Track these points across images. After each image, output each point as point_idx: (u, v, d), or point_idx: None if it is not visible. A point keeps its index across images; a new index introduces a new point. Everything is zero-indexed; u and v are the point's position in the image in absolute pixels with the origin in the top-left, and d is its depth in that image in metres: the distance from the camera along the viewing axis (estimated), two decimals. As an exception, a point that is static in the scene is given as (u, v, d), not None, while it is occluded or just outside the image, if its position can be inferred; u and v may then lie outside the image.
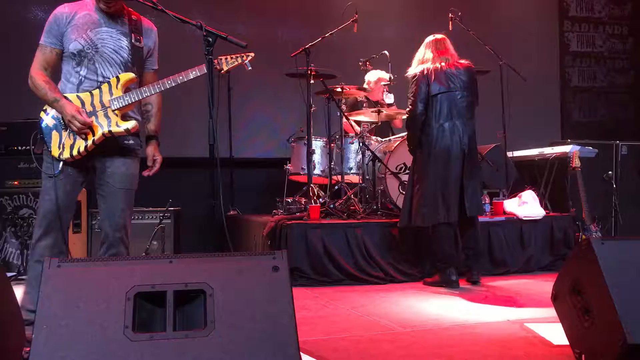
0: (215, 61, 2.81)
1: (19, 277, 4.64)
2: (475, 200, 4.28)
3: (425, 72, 4.27)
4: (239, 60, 2.86)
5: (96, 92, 2.79)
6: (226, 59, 2.83)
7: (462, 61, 4.37)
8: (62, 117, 2.75)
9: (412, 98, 4.29)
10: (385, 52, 5.42)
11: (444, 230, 4.23)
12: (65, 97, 2.75)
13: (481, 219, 4.62)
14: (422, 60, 4.37)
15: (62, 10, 2.81)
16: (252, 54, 2.88)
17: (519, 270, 4.94)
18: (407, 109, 4.36)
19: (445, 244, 4.24)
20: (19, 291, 2.82)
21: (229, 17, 6.60)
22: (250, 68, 2.88)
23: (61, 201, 2.74)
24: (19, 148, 4.97)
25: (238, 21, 6.64)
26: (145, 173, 3.00)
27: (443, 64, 4.28)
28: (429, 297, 4.01)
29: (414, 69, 4.37)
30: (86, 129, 2.73)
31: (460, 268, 4.36)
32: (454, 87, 4.24)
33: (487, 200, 5.22)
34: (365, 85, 5.95)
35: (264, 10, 6.90)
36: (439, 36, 4.45)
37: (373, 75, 5.94)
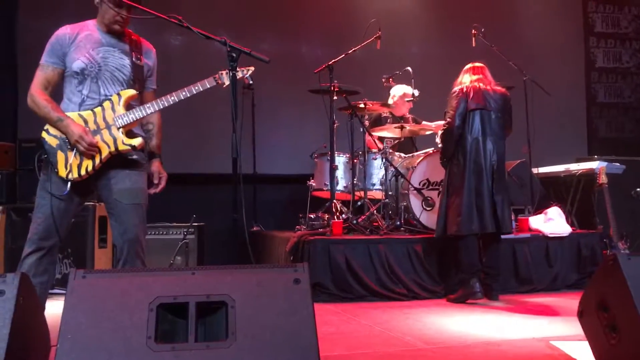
0: (216, 76, 2.83)
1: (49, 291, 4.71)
2: (506, 216, 4.38)
3: (465, 89, 4.47)
4: (239, 74, 2.85)
5: (98, 110, 2.79)
6: (227, 73, 2.80)
7: (499, 87, 4.55)
8: (68, 138, 2.73)
9: (451, 112, 4.46)
10: (409, 68, 5.43)
11: (471, 241, 4.34)
12: (68, 117, 2.75)
13: (506, 235, 4.58)
14: (460, 83, 4.57)
15: (64, 30, 2.84)
16: (252, 68, 2.89)
17: (545, 288, 4.86)
18: (445, 123, 4.50)
19: (471, 254, 4.33)
20: (48, 303, 2.87)
21: (253, 34, 6.68)
22: (251, 82, 2.90)
23: (52, 223, 2.73)
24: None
25: (262, 38, 6.73)
26: (152, 191, 2.99)
27: (481, 84, 4.47)
28: (452, 313, 3.96)
29: (457, 86, 4.57)
30: (93, 150, 2.73)
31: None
32: (489, 106, 4.42)
33: (512, 216, 5.15)
34: (390, 100, 5.96)
35: (288, 28, 6.98)
36: (477, 64, 4.64)
37: (399, 90, 5.94)
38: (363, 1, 7.18)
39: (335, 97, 5.20)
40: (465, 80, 4.54)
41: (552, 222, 5.06)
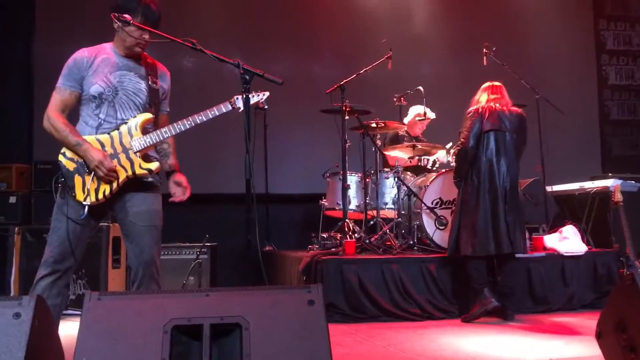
0: (232, 100, 2.84)
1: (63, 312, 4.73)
2: (518, 237, 4.33)
3: (480, 110, 4.47)
4: (255, 98, 2.87)
5: (115, 134, 2.80)
6: (242, 97, 2.78)
7: (515, 108, 4.55)
8: (87, 162, 2.73)
9: (465, 132, 4.46)
10: (420, 87, 5.45)
11: (481, 262, 4.36)
12: (87, 141, 2.75)
13: (521, 255, 4.53)
14: (477, 102, 4.57)
15: (82, 54, 2.85)
16: (267, 93, 2.90)
17: (561, 308, 4.80)
18: (459, 142, 4.50)
19: (480, 269, 4.36)
20: (62, 325, 2.88)
21: (265, 55, 6.75)
22: (266, 107, 2.92)
23: (68, 246, 2.73)
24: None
25: (274, 59, 6.79)
26: (178, 199, 2.98)
27: (497, 104, 4.47)
28: (467, 334, 3.92)
29: (472, 107, 4.57)
30: (112, 175, 2.74)
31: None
32: (504, 127, 4.41)
33: (527, 235, 5.11)
34: (405, 119, 5.99)
35: (299, 48, 7.05)
36: (495, 83, 4.65)
37: (413, 110, 5.97)
38: (374, 22, 7.23)
39: (347, 117, 5.22)
40: (482, 99, 4.54)
41: (568, 240, 5.02)
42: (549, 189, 5.75)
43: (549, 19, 7.83)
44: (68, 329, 2.90)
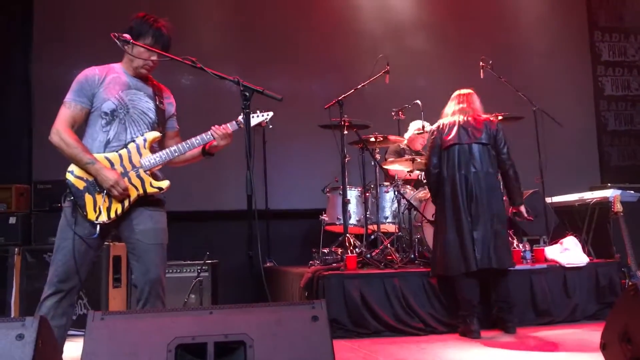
0: (238, 119, 2.88)
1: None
2: (491, 251, 4.21)
3: (441, 126, 4.49)
4: (260, 118, 2.92)
5: (124, 152, 2.81)
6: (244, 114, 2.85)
7: (484, 116, 4.49)
8: (100, 182, 2.73)
9: (427, 151, 4.56)
10: (418, 101, 5.48)
11: (463, 279, 4.28)
12: (98, 160, 2.76)
13: (522, 267, 4.54)
14: (444, 115, 4.59)
15: (93, 71, 2.87)
16: (272, 113, 2.95)
17: (564, 320, 4.78)
18: (424, 163, 4.57)
19: (466, 292, 4.27)
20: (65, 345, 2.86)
21: (263, 73, 6.78)
22: (271, 126, 2.95)
23: (73, 265, 2.72)
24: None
25: (272, 76, 6.82)
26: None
27: (461, 117, 4.44)
28: (470, 348, 3.90)
29: (435, 124, 4.60)
30: (126, 194, 2.75)
31: (491, 318, 4.42)
32: (468, 139, 4.36)
33: (528, 247, 5.11)
34: (406, 134, 6.01)
35: (297, 65, 7.08)
36: (464, 91, 4.61)
37: (413, 125, 6.01)
38: (371, 37, 7.29)
39: (345, 132, 5.24)
40: (448, 110, 4.55)
41: (569, 252, 5.01)
42: (548, 200, 5.76)
43: (545, 32, 7.90)
44: (71, 350, 2.88)
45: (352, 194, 5.51)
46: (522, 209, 4.49)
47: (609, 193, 5.55)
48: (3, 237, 5.12)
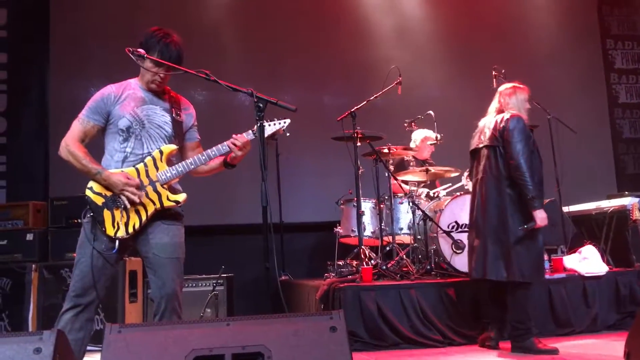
0: (254, 129, 2.87)
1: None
2: (481, 262, 4.01)
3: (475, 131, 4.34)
4: (277, 126, 2.92)
5: (141, 166, 2.83)
6: (264, 124, 2.85)
7: (497, 116, 4.11)
8: (112, 189, 2.76)
9: None
10: (431, 112, 5.47)
11: (484, 286, 4.24)
12: (105, 169, 2.80)
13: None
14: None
15: (109, 90, 2.92)
16: (289, 120, 2.95)
17: (584, 330, 4.69)
18: None
19: (485, 298, 4.26)
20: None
21: (275, 85, 6.82)
22: (288, 134, 2.95)
23: (90, 280, 2.75)
24: (79, 221, 5.13)
25: (284, 89, 6.86)
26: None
27: (486, 117, 4.26)
28: (489, 358, 3.83)
29: None
30: (141, 194, 2.77)
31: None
32: (481, 141, 4.16)
33: (546, 257, 5.04)
34: (412, 144, 5.99)
35: (309, 77, 7.12)
36: (502, 87, 4.32)
37: (420, 134, 5.99)
38: (383, 48, 7.30)
39: (359, 144, 5.23)
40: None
41: (588, 261, 4.94)
42: (565, 209, 5.70)
43: (557, 40, 7.87)
44: (88, 364, 2.88)
45: (367, 205, 5.49)
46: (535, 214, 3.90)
47: (627, 201, 5.48)
48: (20, 253, 5.15)
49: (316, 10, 7.31)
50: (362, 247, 5.07)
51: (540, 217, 3.84)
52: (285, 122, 2.94)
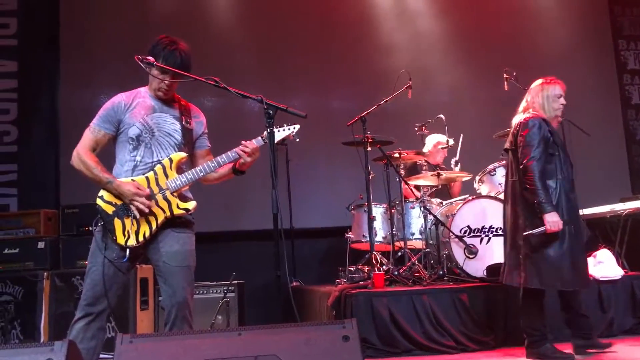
0: (263, 135, 2.86)
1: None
2: (504, 267, 3.98)
3: None
4: (287, 132, 2.92)
5: (151, 175, 2.84)
6: (275, 131, 2.85)
7: (519, 117, 4.05)
8: (122, 198, 2.77)
9: None
10: (441, 116, 5.44)
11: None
12: (116, 178, 2.82)
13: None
14: None
15: (120, 98, 2.94)
16: (298, 125, 2.94)
17: (600, 335, 4.60)
18: None
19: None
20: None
21: (284, 91, 6.82)
22: (297, 140, 2.94)
23: (102, 289, 2.75)
24: (90, 229, 5.13)
25: (293, 94, 6.85)
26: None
27: (513, 119, 4.12)
28: (505, 366, 3.79)
29: None
30: (151, 204, 2.77)
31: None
32: (506, 146, 4.08)
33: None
34: (424, 148, 5.96)
35: (318, 83, 7.10)
36: (532, 84, 4.20)
37: (432, 139, 5.97)
38: (392, 52, 7.27)
39: (369, 148, 5.21)
40: None
41: (603, 265, 4.87)
42: (579, 212, 5.62)
43: (569, 42, 7.79)
44: (99, 374, 2.87)
45: (378, 210, 5.46)
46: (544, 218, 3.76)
47: (642, 204, 5.42)
48: (32, 261, 5.16)
49: (326, 15, 7.30)
50: (374, 252, 5.04)
51: (551, 220, 3.67)
52: (294, 128, 2.93)
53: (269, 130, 2.71)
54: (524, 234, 3.78)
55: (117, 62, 6.11)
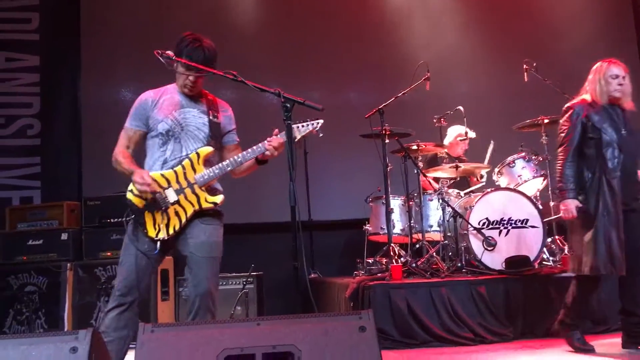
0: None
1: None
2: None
3: None
4: (310, 127, 2.96)
5: (179, 169, 2.92)
6: (298, 127, 2.93)
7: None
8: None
9: None
10: (460, 107, 5.40)
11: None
12: (138, 168, 2.93)
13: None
14: None
15: (147, 95, 3.04)
16: (322, 121, 2.97)
17: (620, 327, 4.58)
18: None
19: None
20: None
21: (302, 84, 6.83)
22: (321, 135, 2.97)
23: (134, 279, 2.84)
24: (112, 221, 5.24)
25: (311, 87, 6.86)
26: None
27: None
28: (521, 357, 3.78)
29: None
30: (152, 183, 2.83)
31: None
32: None
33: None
34: (445, 140, 5.94)
35: (335, 75, 7.09)
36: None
37: (453, 131, 5.94)
38: (410, 44, 7.23)
39: (387, 141, 5.20)
40: None
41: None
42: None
43: (590, 33, 7.66)
44: (121, 362, 2.93)
45: (396, 202, 5.46)
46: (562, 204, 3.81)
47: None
48: (55, 252, 5.27)
49: (343, 8, 7.28)
50: (392, 244, 5.04)
51: (564, 208, 3.73)
52: (318, 123, 2.97)
53: (287, 123, 2.75)
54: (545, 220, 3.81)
55: (138, 56, 6.18)
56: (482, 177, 5.72)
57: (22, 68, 6.63)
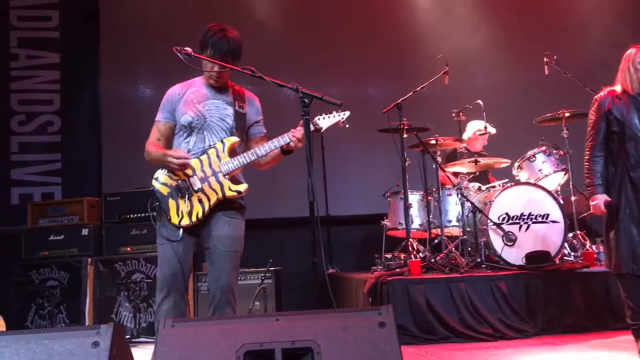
0: (314, 121, 2.92)
1: (132, 340, 4.84)
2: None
3: None
4: (337, 117, 2.96)
5: (204, 157, 2.94)
6: (323, 117, 2.93)
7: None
8: (167, 167, 2.90)
9: None
10: (479, 101, 5.35)
11: None
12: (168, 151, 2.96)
13: (597, 269, 4.30)
14: None
15: (174, 89, 3.08)
16: (348, 112, 2.98)
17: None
18: None
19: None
20: (135, 352, 2.94)
21: (319, 78, 6.81)
22: (347, 125, 2.97)
23: (177, 264, 2.88)
24: (131, 216, 5.30)
25: (329, 82, 6.84)
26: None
27: None
28: (542, 353, 3.75)
29: None
30: (184, 162, 2.86)
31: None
32: None
33: (602, 248, 4.88)
34: (464, 135, 5.89)
35: (353, 70, 7.07)
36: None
37: (473, 126, 5.88)
38: (428, 38, 7.19)
39: (405, 135, 5.17)
40: None
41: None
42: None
43: (610, 25, 7.53)
44: (142, 356, 2.96)
45: (414, 198, 5.43)
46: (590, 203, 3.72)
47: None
48: (76, 248, 5.33)
49: (361, 2, 7.25)
50: (410, 239, 5.02)
51: (591, 204, 3.63)
52: (344, 114, 2.98)
53: (304, 119, 2.74)
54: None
55: (157, 52, 6.22)
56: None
57: (42, 65, 6.70)
